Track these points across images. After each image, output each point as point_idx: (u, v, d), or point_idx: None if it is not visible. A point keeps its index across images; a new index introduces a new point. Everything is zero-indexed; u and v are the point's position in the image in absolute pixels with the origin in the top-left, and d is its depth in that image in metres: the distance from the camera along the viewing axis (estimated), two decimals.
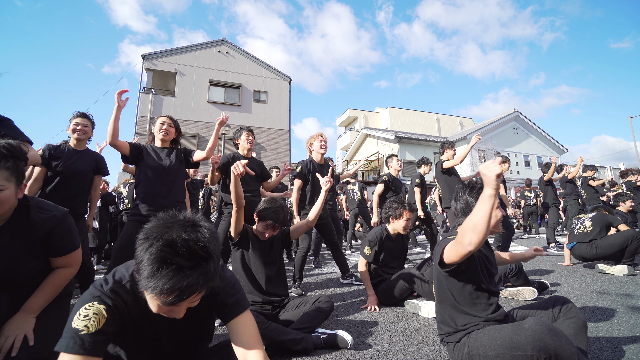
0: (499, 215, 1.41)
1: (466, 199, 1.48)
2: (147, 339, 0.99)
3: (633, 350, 1.56)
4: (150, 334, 0.98)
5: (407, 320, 2.09)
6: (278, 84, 17.31)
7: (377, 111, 27.49)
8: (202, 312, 1.02)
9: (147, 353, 1.01)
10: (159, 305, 0.82)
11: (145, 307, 0.88)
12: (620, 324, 1.90)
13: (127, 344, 0.97)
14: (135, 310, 0.92)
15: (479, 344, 1.24)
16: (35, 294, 1.14)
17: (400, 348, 1.66)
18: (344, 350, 1.65)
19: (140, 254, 0.79)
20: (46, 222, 1.16)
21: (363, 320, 2.13)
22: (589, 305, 2.28)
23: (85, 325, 0.78)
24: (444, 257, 1.27)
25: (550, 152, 22.28)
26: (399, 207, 2.55)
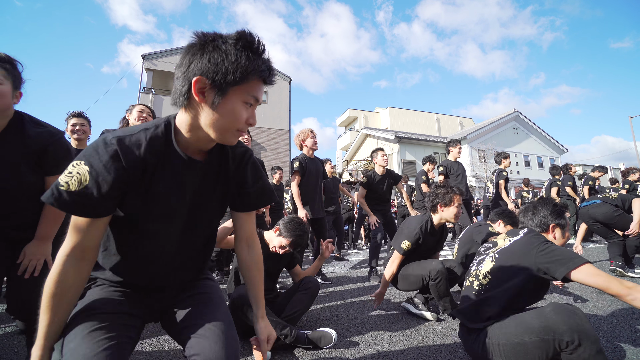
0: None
1: (546, 215, 1.47)
2: (159, 206, 0.81)
3: (633, 350, 1.56)
4: (163, 201, 0.81)
5: (407, 321, 2.09)
6: (278, 84, 17.25)
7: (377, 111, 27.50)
8: (227, 189, 0.93)
9: (154, 229, 0.84)
10: (247, 104, 0.76)
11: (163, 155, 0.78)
12: (620, 324, 1.90)
13: (131, 208, 0.79)
14: (149, 156, 0.77)
15: (504, 331, 1.24)
16: (40, 222, 1.17)
17: (400, 348, 1.66)
18: (344, 350, 1.65)
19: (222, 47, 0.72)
20: (41, 135, 1.15)
21: (363, 320, 2.13)
22: (589, 305, 2.28)
23: (66, 182, 0.69)
24: (578, 275, 1.15)
25: (550, 152, 22.29)
26: (448, 192, 2.15)
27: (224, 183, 0.93)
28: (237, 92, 0.75)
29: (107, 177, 0.70)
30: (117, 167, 0.72)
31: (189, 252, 0.93)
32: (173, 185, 0.82)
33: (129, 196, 0.77)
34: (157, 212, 0.81)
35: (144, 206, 0.79)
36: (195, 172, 0.85)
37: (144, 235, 0.83)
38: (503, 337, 1.23)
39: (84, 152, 0.73)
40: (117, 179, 0.72)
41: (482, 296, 1.38)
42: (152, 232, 0.83)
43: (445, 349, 1.64)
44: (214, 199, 0.92)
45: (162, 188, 0.80)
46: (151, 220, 0.81)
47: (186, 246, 0.91)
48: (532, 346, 1.15)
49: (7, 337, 1.92)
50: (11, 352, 1.69)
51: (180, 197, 0.84)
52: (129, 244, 0.84)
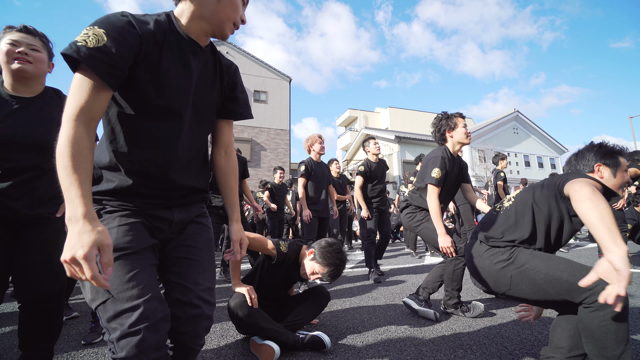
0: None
1: (589, 156, 1.38)
2: (167, 91, 0.82)
3: (633, 350, 1.56)
4: (172, 77, 0.83)
5: (407, 320, 2.09)
6: (278, 84, 17.31)
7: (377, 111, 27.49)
8: (222, 84, 0.99)
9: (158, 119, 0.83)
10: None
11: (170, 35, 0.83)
12: None
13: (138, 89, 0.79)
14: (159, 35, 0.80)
15: (532, 261, 1.23)
16: None
17: (400, 348, 1.66)
18: (344, 350, 1.65)
19: None
20: None
21: (363, 320, 2.13)
22: None
23: (84, 39, 0.68)
24: (577, 189, 1.08)
25: (550, 152, 22.29)
26: (450, 118, 2.23)
27: (220, 76, 0.98)
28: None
29: (124, 39, 0.72)
30: (133, 33, 0.74)
31: (193, 149, 0.93)
32: (179, 63, 0.84)
33: (140, 70, 0.77)
34: (167, 87, 0.82)
35: (155, 80, 0.80)
36: (198, 57, 0.90)
37: (154, 115, 0.82)
38: (529, 264, 1.23)
39: (97, 20, 0.73)
40: (133, 43, 0.74)
41: (508, 219, 1.40)
42: (161, 111, 0.82)
43: (445, 349, 1.64)
44: (214, 90, 0.96)
45: (171, 63, 0.82)
46: (161, 96, 0.81)
47: (191, 141, 0.91)
48: (550, 286, 1.16)
49: (7, 337, 1.92)
50: (11, 352, 1.69)
51: (187, 76, 0.86)
52: (139, 129, 0.82)
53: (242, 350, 1.68)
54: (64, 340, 1.87)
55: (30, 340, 1.30)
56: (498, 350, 1.60)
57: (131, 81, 0.77)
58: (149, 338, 0.69)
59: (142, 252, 0.81)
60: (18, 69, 1.16)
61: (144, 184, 0.84)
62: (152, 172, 0.84)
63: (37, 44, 1.23)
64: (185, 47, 0.86)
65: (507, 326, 1.93)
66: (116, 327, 0.69)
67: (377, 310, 2.33)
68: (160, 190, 0.87)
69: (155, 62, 0.80)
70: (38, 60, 1.21)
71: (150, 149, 0.83)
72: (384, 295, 2.80)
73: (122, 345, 0.68)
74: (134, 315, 0.70)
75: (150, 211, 0.87)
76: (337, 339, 1.80)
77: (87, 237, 0.64)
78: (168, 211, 0.90)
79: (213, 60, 0.96)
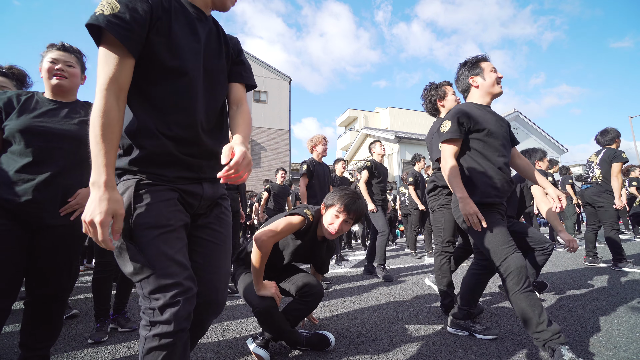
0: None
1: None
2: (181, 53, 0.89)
3: (633, 350, 1.56)
4: (183, 39, 0.90)
5: (407, 320, 2.09)
6: (278, 84, 17.30)
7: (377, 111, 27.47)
8: (228, 50, 1.05)
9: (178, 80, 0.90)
10: None
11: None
12: (620, 324, 1.90)
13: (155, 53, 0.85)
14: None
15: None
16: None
17: (400, 348, 1.66)
18: (344, 350, 1.65)
19: None
20: None
21: (363, 320, 2.13)
22: (589, 305, 2.28)
23: (100, 9, 0.77)
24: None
25: (550, 152, 22.26)
26: (437, 87, 2.24)
27: (225, 44, 1.05)
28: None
29: (134, 5, 0.80)
30: (142, 0, 0.82)
31: (211, 115, 0.99)
32: (187, 28, 0.92)
33: (153, 34, 0.84)
34: (179, 49, 0.88)
35: (167, 43, 0.86)
36: (203, 24, 0.97)
37: (171, 77, 0.88)
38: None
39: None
40: (144, 9, 0.81)
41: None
42: (176, 73, 0.88)
43: (445, 349, 1.64)
44: (221, 56, 1.02)
45: (180, 27, 0.90)
46: (175, 58, 0.87)
47: (207, 105, 0.97)
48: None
49: (7, 337, 1.92)
50: (11, 352, 1.69)
51: (195, 39, 0.93)
52: (160, 92, 0.87)
53: (242, 350, 1.68)
54: (64, 340, 1.87)
55: (32, 339, 1.33)
56: (498, 350, 1.60)
57: (147, 46, 0.84)
58: (184, 309, 0.80)
59: (179, 230, 0.88)
60: (56, 84, 1.39)
61: (173, 146, 0.88)
62: (179, 135, 0.89)
63: (72, 61, 1.44)
64: (190, 14, 0.94)
65: (507, 326, 1.93)
66: (159, 298, 0.79)
67: (377, 310, 2.33)
68: (191, 157, 0.92)
69: (166, 26, 0.86)
70: (72, 75, 1.44)
71: (172, 112, 0.88)
72: (384, 295, 2.80)
73: (163, 312, 0.78)
74: (175, 289, 0.79)
75: (183, 186, 0.92)
76: (337, 339, 1.80)
77: (104, 204, 0.72)
78: (199, 186, 0.95)
79: (216, 29, 1.04)
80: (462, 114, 1.63)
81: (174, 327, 0.78)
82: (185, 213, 0.92)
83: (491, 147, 1.63)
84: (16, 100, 1.34)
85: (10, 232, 1.21)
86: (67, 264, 1.37)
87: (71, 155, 1.35)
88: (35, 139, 1.27)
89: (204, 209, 1.00)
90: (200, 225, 0.98)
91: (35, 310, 1.34)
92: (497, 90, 1.69)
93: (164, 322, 0.77)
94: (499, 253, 1.49)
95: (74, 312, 2.36)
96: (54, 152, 1.30)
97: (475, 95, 1.74)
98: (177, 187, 0.90)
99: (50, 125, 1.32)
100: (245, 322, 2.15)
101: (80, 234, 1.42)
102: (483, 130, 1.61)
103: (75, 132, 1.37)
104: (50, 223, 1.30)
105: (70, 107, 1.44)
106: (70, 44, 1.47)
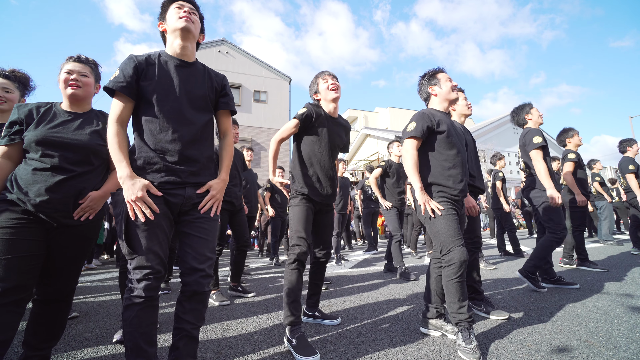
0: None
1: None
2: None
3: (633, 350, 1.56)
4: (166, 81, 1.26)
5: (407, 320, 2.09)
6: (278, 83, 17.31)
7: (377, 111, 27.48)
8: (211, 84, 1.38)
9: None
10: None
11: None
12: (620, 324, 1.90)
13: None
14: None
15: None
16: (107, 182, 1.52)
17: (400, 348, 1.66)
18: (344, 350, 1.65)
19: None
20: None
21: (363, 320, 2.13)
22: (589, 305, 2.28)
23: (111, 77, 1.22)
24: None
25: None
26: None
27: (209, 80, 1.38)
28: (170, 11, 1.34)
29: (127, 68, 1.21)
30: (131, 62, 1.23)
31: (193, 129, 1.28)
32: (170, 72, 1.28)
33: (142, 80, 1.22)
34: (160, 84, 1.24)
35: (151, 83, 1.23)
36: (185, 68, 1.32)
37: (158, 107, 1.22)
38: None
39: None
40: (132, 67, 1.22)
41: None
42: (161, 102, 1.23)
43: (445, 349, 1.64)
44: (203, 86, 1.35)
45: (164, 73, 1.26)
46: (158, 90, 1.23)
47: (190, 122, 1.28)
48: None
49: None
50: (11, 352, 1.69)
51: (178, 79, 1.28)
52: (153, 120, 1.22)
53: (241, 350, 1.68)
54: (63, 340, 1.87)
55: (37, 338, 1.37)
56: (497, 350, 1.60)
57: (139, 89, 1.23)
58: (153, 283, 1.14)
59: (160, 226, 1.17)
60: (71, 93, 1.49)
61: (161, 158, 1.21)
62: (165, 148, 1.22)
63: (86, 71, 1.54)
64: (173, 62, 1.31)
65: (507, 326, 1.93)
66: (138, 273, 1.13)
67: (377, 310, 2.33)
68: (175, 164, 1.22)
69: (152, 73, 1.25)
70: (86, 85, 1.53)
71: (160, 132, 1.22)
72: (384, 295, 2.80)
73: (139, 283, 1.13)
74: (147, 270, 1.13)
75: (169, 191, 1.21)
76: (337, 339, 1.80)
77: (137, 185, 1.13)
78: (182, 190, 1.24)
79: (203, 69, 1.39)
80: (426, 117, 1.82)
81: (144, 294, 1.12)
82: (170, 209, 1.23)
83: (449, 145, 1.81)
84: (36, 112, 1.44)
85: (26, 227, 1.28)
86: (76, 264, 1.43)
87: (82, 163, 1.43)
88: (49, 149, 1.37)
89: (190, 205, 1.27)
90: (190, 220, 1.27)
91: (43, 308, 1.38)
92: (453, 96, 1.92)
93: (138, 289, 1.12)
94: (447, 243, 1.67)
95: (74, 314, 2.37)
96: (67, 159, 1.39)
97: (435, 102, 1.95)
98: (163, 191, 1.20)
99: (63, 136, 1.41)
100: (245, 322, 2.15)
101: (91, 235, 1.48)
102: (443, 133, 1.81)
103: (86, 142, 1.45)
104: (64, 223, 1.37)
105: (85, 118, 1.52)
106: (87, 56, 1.59)
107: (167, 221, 1.21)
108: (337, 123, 2.03)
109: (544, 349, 1.59)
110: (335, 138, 1.98)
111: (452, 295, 1.67)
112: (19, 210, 1.28)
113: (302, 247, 1.78)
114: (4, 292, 1.17)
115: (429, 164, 1.82)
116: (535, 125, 2.97)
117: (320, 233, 2.03)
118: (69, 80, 1.49)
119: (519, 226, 13.33)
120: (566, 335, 1.75)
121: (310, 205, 1.89)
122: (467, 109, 2.37)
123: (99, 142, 1.48)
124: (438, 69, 1.97)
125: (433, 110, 1.91)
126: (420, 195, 1.75)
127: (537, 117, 2.96)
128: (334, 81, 1.98)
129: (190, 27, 1.31)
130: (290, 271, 1.78)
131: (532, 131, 2.85)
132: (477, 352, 1.50)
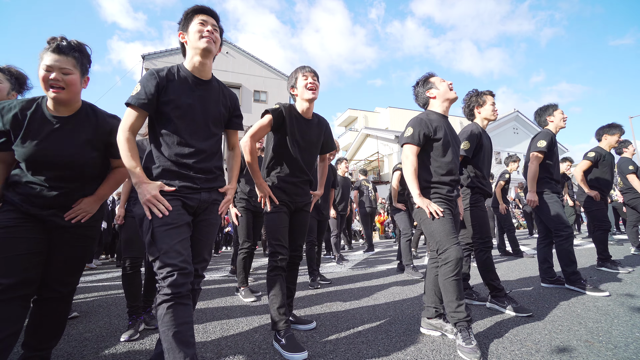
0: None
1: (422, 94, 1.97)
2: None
3: (633, 350, 1.56)
4: (184, 96, 1.35)
5: (407, 320, 2.09)
6: (278, 84, 17.31)
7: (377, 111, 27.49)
8: (226, 102, 1.53)
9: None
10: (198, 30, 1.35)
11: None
12: (620, 324, 1.90)
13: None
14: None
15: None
16: (102, 186, 1.48)
17: (400, 348, 1.66)
18: (344, 350, 1.65)
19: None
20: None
21: (363, 320, 2.13)
22: (589, 305, 2.28)
23: (132, 93, 1.30)
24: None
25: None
26: (479, 95, 2.43)
27: (223, 97, 1.51)
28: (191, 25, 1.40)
29: (148, 84, 1.29)
30: (153, 80, 1.30)
31: (208, 143, 1.41)
32: (187, 89, 1.37)
33: (162, 96, 1.31)
34: (178, 102, 1.33)
35: (170, 99, 1.32)
36: (202, 86, 1.42)
37: (176, 122, 1.32)
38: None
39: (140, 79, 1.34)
40: (154, 84, 1.30)
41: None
42: (179, 118, 1.33)
43: (445, 349, 1.64)
44: (218, 104, 1.46)
45: (183, 90, 1.35)
46: (177, 108, 1.32)
47: (206, 137, 1.40)
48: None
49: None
50: (11, 352, 1.69)
51: (193, 96, 1.37)
52: (169, 133, 1.32)
53: (241, 350, 1.68)
54: (63, 340, 1.87)
55: (37, 338, 1.36)
56: (497, 350, 1.60)
57: (158, 104, 1.31)
58: (179, 280, 1.18)
59: (182, 226, 1.27)
60: (53, 97, 1.30)
61: (177, 167, 1.32)
62: (184, 160, 1.33)
63: (69, 66, 1.29)
64: (190, 80, 1.39)
65: (507, 326, 1.93)
66: (162, 272, 1.18)
67: (377, 310, 2.33)
68: (191, 173, 1.34)
69: (170, 89, 1.33)
70: (70, 84, 1.30)
71: (176, 145, 1.32)
72: (384, 295, 2.80)
73: (164, 280, 1.18)
74: (171, 267, 1.18)
75: (186, 195, 1.33)
76: (337, 339, 1.80)
77: (150, 187, 1.24)
78: (197, 194, 1.37)
79: (218, 86, 1.50)
80: (424, 124, 1.84)
81: (171, 290, 1.16)
82: (187, 213, 1.33)
83: (443, 152, 1.86)
84: (21, 116, 1.29)
85: (27, 225, 1.27)
86: (76, 264, 1.42)
87: (75, 179, 1.38)
88: (40, 167, 1.31)
89: (204, 208, 1.41)
90: (198, 222, 1.39)
91: (43, 309, 1.37)
92: (452, 95, 1.92)
93: (165, 286, 1.17)
94: (444, 242, 1.70)
95: (74, 314, 2.37)
96: (58, 178, 1.34)
97: (434, 105, 1.95)
98: (181, 195, 1.31)
99: (54, 153, 1.31)
100: (245, 322, 2.15)
101: (92, 235, 1.46)
102: (439, 140, 1.84)
103: (78, 158, 1.35)
104: (62, 224, 1.35)
105: (75, 121, 1.37)
106: (69, 40, 1.31)
107: (186, 222, 1.30)
108: (310, 124, 1.92)
109: (544, 349, 1.59)
110: (307, 139, 1.89)
111: (449, 294, 1.67)
112: (19, 209, 1.27)
113: (282, 255, 1.78)
114: (13, 286, 1.18)
115: (422, 169, 1.88)
116: (556, 128, 2.93)
117: (294, 236, 1.93)
118: (49, 80, 1.26)
119: (518, 226, 13.33)
120: (566, 335, 1.75)
121: (285, 209, 1.84)
122: (492, 114, 2.41)
123: (92, 156, 1.39)
124: (429, 74, 2.02)
125: (431, 114, 1.90)
126: (420, 200, 1.78)
127: (559, 121, 2.90)
128: (314, 80, 1.85)
129: (212, 48, 1.37)
130: (272, 278, 1.77)
131: (543, 134, 2.86)
132: (478, 352, 1.50)
